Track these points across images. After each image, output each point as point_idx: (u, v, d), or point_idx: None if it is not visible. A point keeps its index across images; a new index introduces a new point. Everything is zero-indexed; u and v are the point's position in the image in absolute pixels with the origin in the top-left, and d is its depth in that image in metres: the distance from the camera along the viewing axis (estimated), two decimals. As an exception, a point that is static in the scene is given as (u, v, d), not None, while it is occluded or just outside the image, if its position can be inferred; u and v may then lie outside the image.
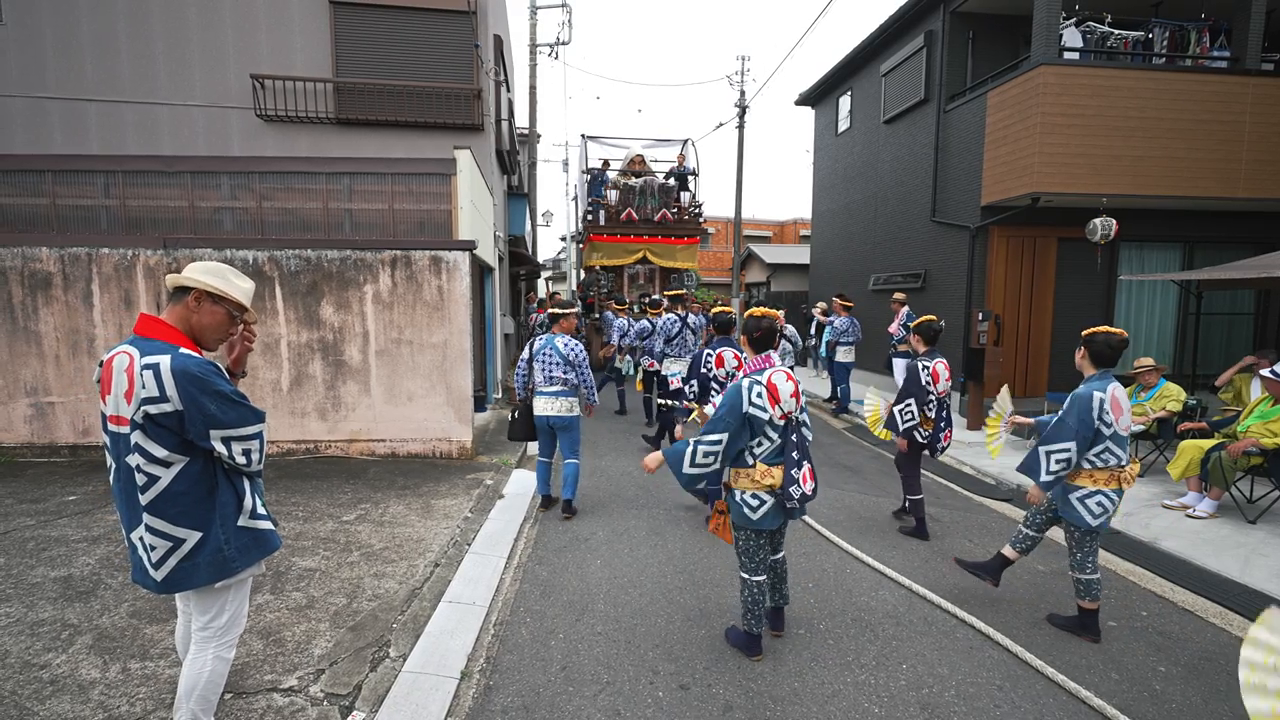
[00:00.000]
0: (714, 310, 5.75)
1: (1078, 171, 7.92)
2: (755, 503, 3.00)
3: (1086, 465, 3.28)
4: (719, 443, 2.94)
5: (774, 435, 2.96)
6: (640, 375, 8.61)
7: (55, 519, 4.60)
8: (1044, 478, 3.29)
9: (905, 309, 9.60)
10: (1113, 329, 3.37)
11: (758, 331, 3.14)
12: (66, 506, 4.87)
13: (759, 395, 2.93)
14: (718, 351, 5.01)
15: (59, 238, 6.31)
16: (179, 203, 7.13)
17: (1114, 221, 7.79)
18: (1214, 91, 7.97)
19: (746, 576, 3.15)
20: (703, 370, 5.03)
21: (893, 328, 9.58)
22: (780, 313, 4.88)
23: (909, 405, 4.79)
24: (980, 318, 8.61)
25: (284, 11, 9.04)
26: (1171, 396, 6.15)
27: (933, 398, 4.72)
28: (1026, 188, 8.00)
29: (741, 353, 4.62)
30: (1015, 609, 3.77)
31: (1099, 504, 3.28)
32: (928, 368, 4.74)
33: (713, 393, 4.95)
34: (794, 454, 2.95)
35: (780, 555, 3.31)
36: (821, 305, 11.37)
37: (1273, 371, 5.33)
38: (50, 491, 5.21)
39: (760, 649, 3.21)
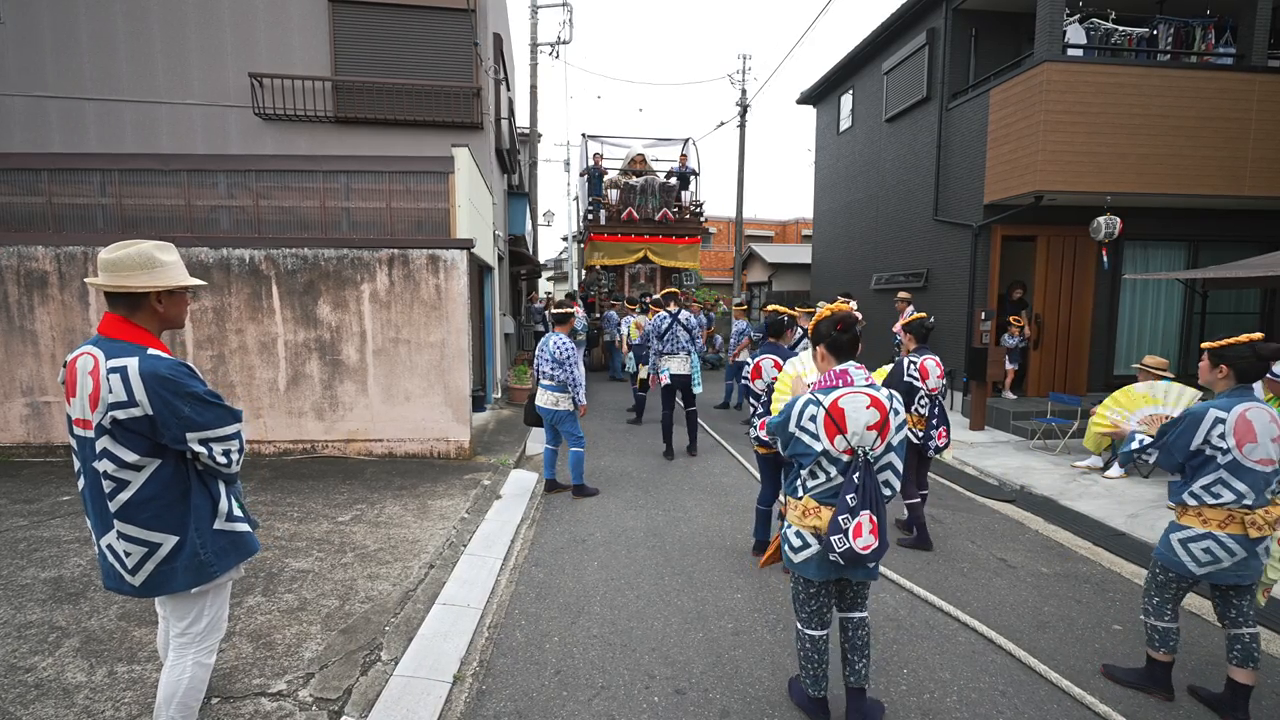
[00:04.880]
0: (768, 309, 5.33)
1: (1081, 170, 7.84)
2: (798, 542, 2.51)
3: (1192, 502, 2.74)
4: (775, 441, 2.63)
5: (831, 470, 2.42)
6: (644, 373, 8.73)
7: (48, 519, 4.56)
8: (1176, 554, 2.77)
9: (910, 308, 9.54)
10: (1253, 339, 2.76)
11: (841, 335, 2.51)
12: (60, 507, 4.83)
13: (811, 419, 2.39)
14: (756, 360, 4.49)
15: (55, 236, 6.28)
16: (176, 201, 7.08)
17: (1118, 220, 7.72)
18: (1219, 89, 7.88)
19: (799, 627, 2.66)
20: (742, 382, 4.63)
21: (897, 327, 9.51)
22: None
23: None
24: (983, 316, 8.54)
25: (283, 10, 9.00)
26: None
27: (922, 395, 4.54)
28: (1029, 186, 7.93)
29: (785, 359, 4.24)
30: (1018, 613, 3.71)
31: (1207, 550, 2.69)
32: (914, 363, 4.55)
33: (752, 407, 4.51)
34: (850, 497, 2.33)
35: (856, 615, 2.62)
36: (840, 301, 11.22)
37: (1272, 373, 5.26)
38: (45, 491, 5.18)
39: (826, 716, 2.67)
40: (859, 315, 2.61)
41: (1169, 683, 2.91)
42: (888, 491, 2.43)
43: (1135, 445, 2.94)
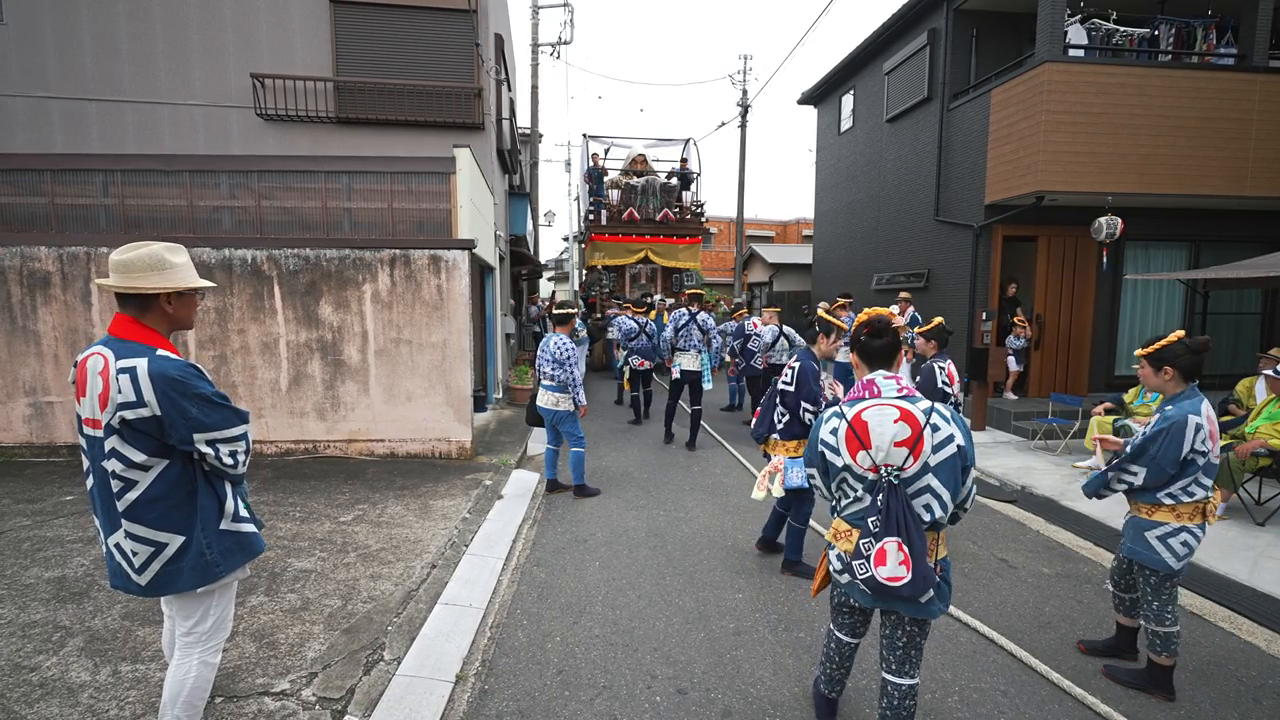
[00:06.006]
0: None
1: (1082, 170, 7.84)
2: (839, 565, 2.34)
3: (1169, 500, 2.82)
4: (814, 477, 2.42)
5: (858, 488, 2.21)
6: (628, 374, 8.97)
7: (51, 519, 4.57)
8: (1161, 554, 2.82)
9: (910, 309, 9.55)
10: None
11: (870, 340, 2.32)
12: (63, 507, 4.84)
13: (833, 432, 2.23)
14: (789, 361, 4.20)
15: (58, 237, 6.30)
16: (178, 202, 7.10)
17: (1119, 220, 7.72)
18: (1221, 89, 7.89)
19: (830, 626, 2.59)
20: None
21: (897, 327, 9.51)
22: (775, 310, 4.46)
23: None
24: (984, 317, 8.54)
25: (284, 11, 9.01)
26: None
27: (952, 400, 4.45)
28: (1030, 186, 7.93)
29: (808, 368, 3.94)
30: (1020, 613, 3.72)
31: (1184, 543, 2.79)
32: (943, 369, 4.46)
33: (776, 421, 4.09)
34: (873, 521, 2.11)
35: (905, 682, 2.29)
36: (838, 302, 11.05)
37: (1275, 371, 5.27)
38: (48, 491, 5.19)
39: (830, 716, 2.69)
40: (899, 319, 2.49)
41: (1170, 684, 2.91)
42: (927, 517, 2.11)
43: (1107, 472, 2.95)
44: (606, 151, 16.06)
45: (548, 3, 15.55)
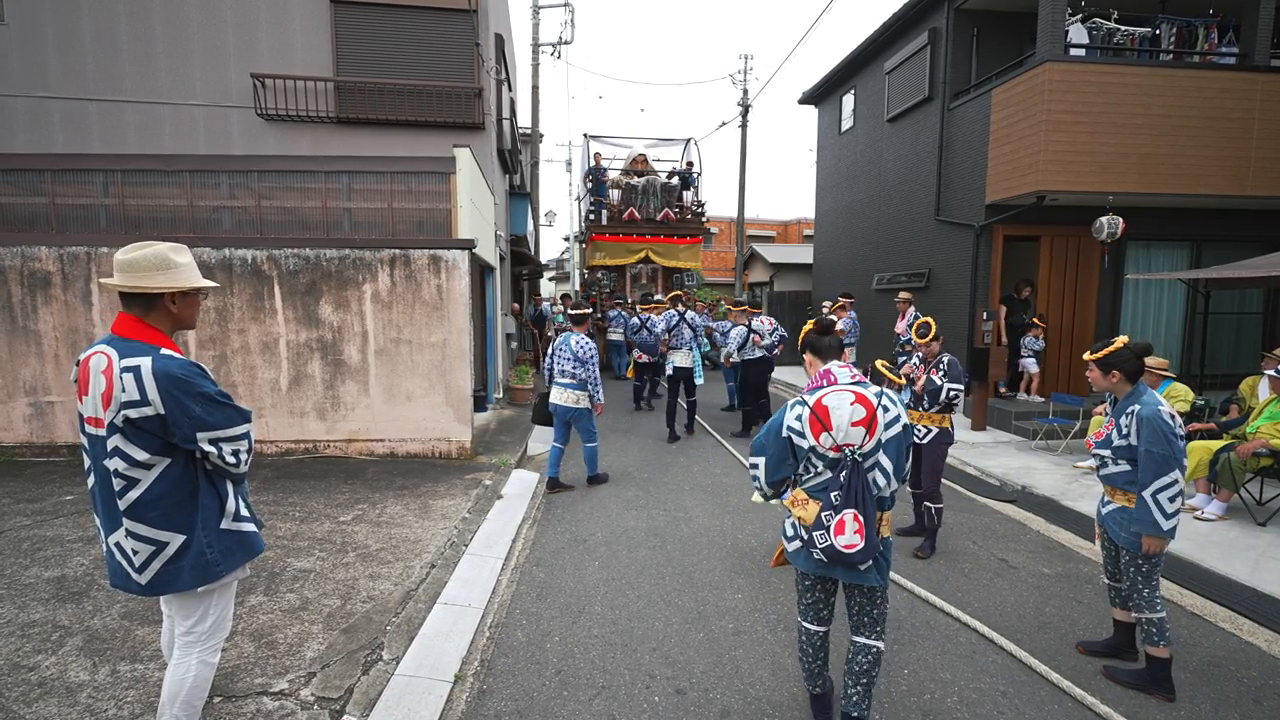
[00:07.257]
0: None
1: (1083, 169, 7.83)
2: (790, 532, 2.56)
3: None
4: (757, 467, 2.54)
5: (819, 466, 2.43)
6: (631, 365, 9.66)
7: (51, 519, 4.58)
8: (1167, 525, 2.78)
9: (911, 308, 9.54)
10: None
11: (821, 337, 2.60)
12: (63, 506, 4.84)
13: (798, 418, 2.43)
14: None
15: (58, 237, 6.31)
16: (178, 202, 7.11)
17: (1120, 220, 7.70)
18: (1222, 88, 7.87)
19: (797, 618, 2.69)
20: None
21: (899, 327, 9.52)
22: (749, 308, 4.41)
23: (958, 391, 4.45)
24: (985, 317, 8.53)
25: (285, 10, 9.02)
26: (1179, 397, 6.06)
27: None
28: (1031, 186, 7.92)
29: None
30: (1019, 613, 3.71)
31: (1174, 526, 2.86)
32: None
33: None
34: (834, 495, 2.34)
35: (862, 640, 2.52)
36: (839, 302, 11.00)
37: (1278, 371, 5.26)
38: (48, 491, 5.19)
39: (826, 713, 2.69)
40: (833, 318, 2.74)
41: (1170, 682, 2.91)
42: (874, 490, 2.37)
43: (1159, 502, 2.79)
44: (597, 158, 16.04)
45: (548, 3, 15.56)
